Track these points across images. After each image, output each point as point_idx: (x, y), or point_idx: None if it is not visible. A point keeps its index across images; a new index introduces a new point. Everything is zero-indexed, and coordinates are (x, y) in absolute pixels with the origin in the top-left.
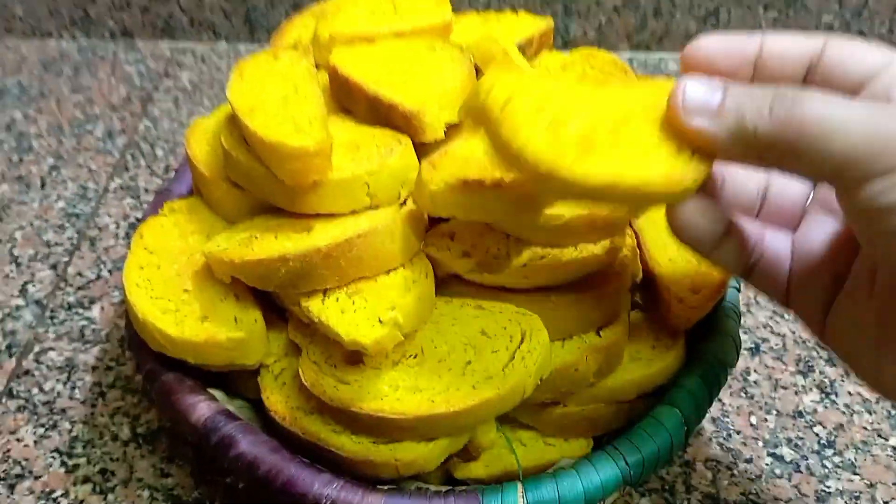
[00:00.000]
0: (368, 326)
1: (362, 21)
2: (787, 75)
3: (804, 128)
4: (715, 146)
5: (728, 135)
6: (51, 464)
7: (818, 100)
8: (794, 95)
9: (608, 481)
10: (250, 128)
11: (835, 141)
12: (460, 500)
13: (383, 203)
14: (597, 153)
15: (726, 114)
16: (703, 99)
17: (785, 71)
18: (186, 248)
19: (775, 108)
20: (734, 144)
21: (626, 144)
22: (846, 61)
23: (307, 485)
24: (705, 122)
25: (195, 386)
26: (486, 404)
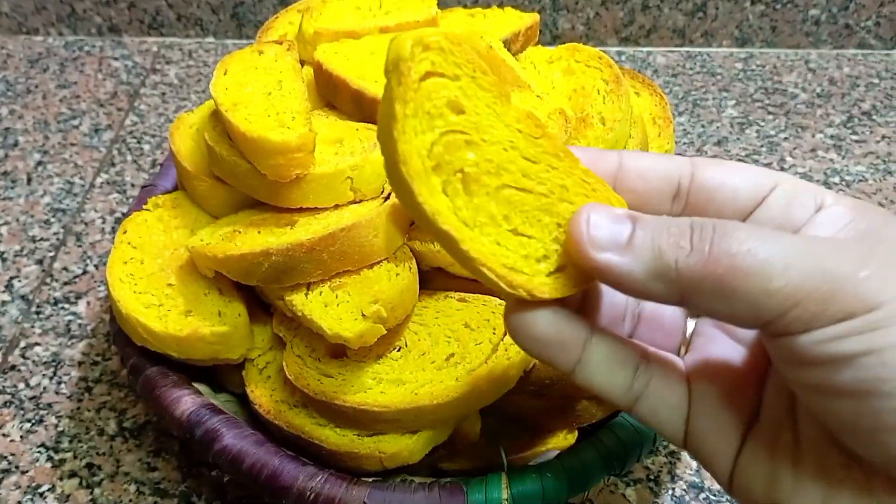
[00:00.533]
0: (351, 320)
1: (347, 17)
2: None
3: (735, 263)
4: (626, 285)
5: (644, 273)
6: (37, 458)
7: (745, 230)
8: (715, 226)
9: (591, 471)
10: (233, 123)
11: (773, 280)
12: (444, 492)
13: (367, 197)
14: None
15: (639, 249)
16: (611, 231)
17: (649, 190)
18: (170, 242)
19: (697, 241)
20: (653, 283)
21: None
22: (728, 183)
23: (291, 477)
24: (615, 258)
25: (179, 380)
26: (469, 396)
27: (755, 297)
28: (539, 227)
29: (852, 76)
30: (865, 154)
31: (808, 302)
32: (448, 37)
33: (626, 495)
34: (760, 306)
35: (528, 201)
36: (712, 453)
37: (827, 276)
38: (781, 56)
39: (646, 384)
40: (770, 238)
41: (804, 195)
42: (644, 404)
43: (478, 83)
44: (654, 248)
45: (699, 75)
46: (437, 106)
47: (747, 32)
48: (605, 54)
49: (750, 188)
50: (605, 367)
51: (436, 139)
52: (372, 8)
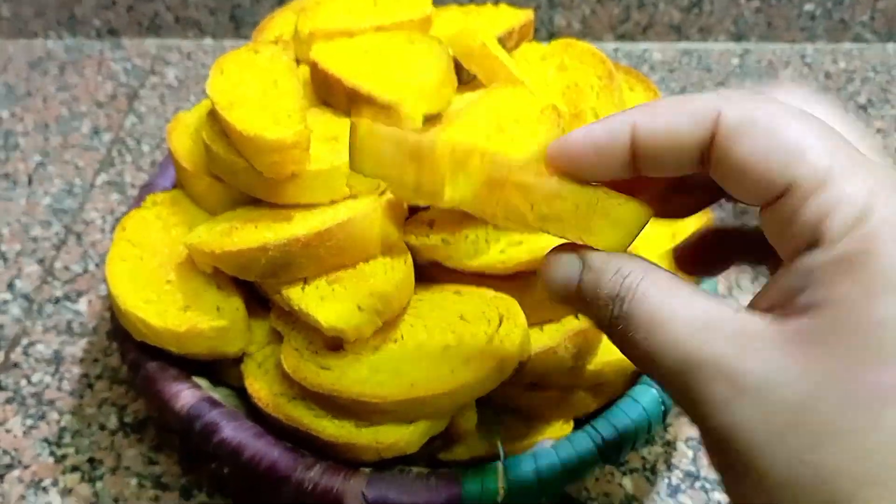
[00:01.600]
0: (348, 313)
1: (342, 16)
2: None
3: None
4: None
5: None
6: (39, 453)
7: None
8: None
9: (586, 458)
10: (229, 122)
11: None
12: (441, 481)
13: (362, 193)
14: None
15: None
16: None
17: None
18: (169, 240)
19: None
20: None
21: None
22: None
23: (290, 468)
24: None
25: (179, 374)
26: (465, 387)
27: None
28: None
29: (848, 70)
30: None
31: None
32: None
33: (622, 485)
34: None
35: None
36: None
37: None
38: (777, 51)
39: None
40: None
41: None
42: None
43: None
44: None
45: (696, 71)
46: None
47: (743, 28)
48: (598, 50)
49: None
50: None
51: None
52: (367, 7)
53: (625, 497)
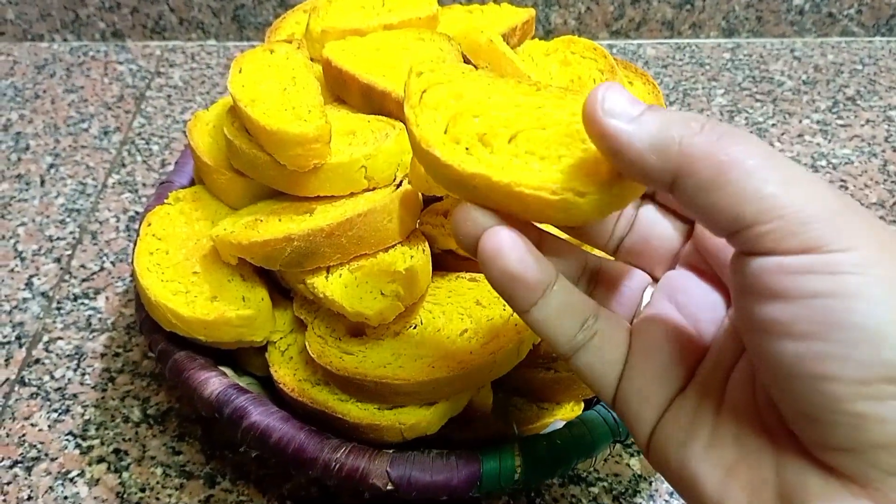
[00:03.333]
0: (371, 299)
1: (353, 15)
2: None
3: (741, 158)
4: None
5: (646, 143)
6: (65, 446)
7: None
8: (734, 129)
9: (599, 438)
10: (252, 117)
11: (769, 185)
12: (461, 460)
13: (380, 185)
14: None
15: (647, 121)
16: (624, 105)
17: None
18: (193, 233)
19: (710, 127)
20: (651, 156)
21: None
22: None
23: (317, 450)
24: (622, 125)
25: (206, 363)
26: (482, 369)
27: (746, 195)
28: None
29: (836, 63)
30: (851, 138)
31: (789, 218)
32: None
33: (630, 465)
34: (746, 206)
35: (547, 135)
36: (635, 416)
37: (815, 201)
38: (767, 45)
39: (589, 338)
40: (781, 158)
41: None
42: (582, 356)
43: (466, 77)
44: (662, 121)
45: (688, 66)
46: (439, 100)
47: (734, 23)
48: (599, 46)
49: None
50: (556, 313)
51: (448, 122)
52: (375, 6)
53: (633, 477)
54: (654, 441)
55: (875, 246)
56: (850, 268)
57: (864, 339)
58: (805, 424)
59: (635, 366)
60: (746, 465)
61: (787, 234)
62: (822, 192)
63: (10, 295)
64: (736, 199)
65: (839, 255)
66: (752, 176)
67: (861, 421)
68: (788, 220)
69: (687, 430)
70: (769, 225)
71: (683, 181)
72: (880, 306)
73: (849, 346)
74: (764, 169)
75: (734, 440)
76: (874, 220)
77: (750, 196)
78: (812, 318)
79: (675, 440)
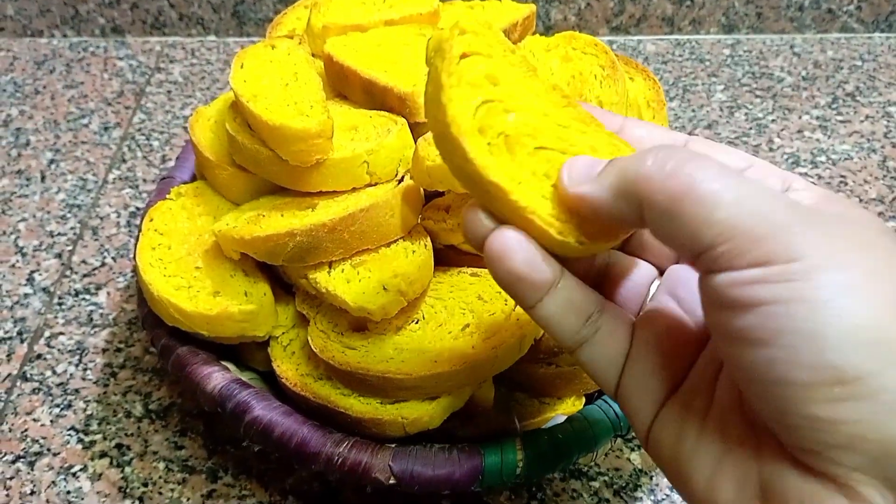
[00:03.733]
0: (374, 294)
1: (354, 11)
2: None
3: (691, 186)
4: (599, 209)
5: (610, 193)
6: (68, 441)
7: (712, 164)
8: (686, 152)
9: (600, 432)
10: (255, 113)
11: (719, 210)
12: (463, 455)
13: (382, 180)
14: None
15: (606, 174)
16: (585, 169)
17: None
18: (195, 229)
19: (661, 158)
20: (618, 203)
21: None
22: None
23: (320, 444)
24: (586, 188)
25: (208, 358)
26: (485, 363)
27: (698, 222)
28: None
29: (836, 59)
30: (850, 133)
31: (740, 239)
32: (480, 22)
33: (630, 459)
34: (701, 233)
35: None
36: (635, 409)
37: (764, 219)
38: (767, 41)
39: (593, 333)
40: (730, 175)
41: (774, 178)
42: (586, 350)
43: (508, 60)
44: (618, 169)
45: (688, 62)
46: (477, 78)
47: (734, 19)
48: (600, 41)
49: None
50: (561, 310)
51: (478, 105)
52: (376, 2)
53: (633, 471)
54: (651, 434)
55: (823, 254)
56: (795, 276)
57: (807, 343)
58: (774, 426)
59: (635, 360)
60: (731, 461)
61: (739, 254)
62: (772, 206)
63: (11, 290)
64: (690, 226)
65: (786, 265)
66: (702, 202)
67: (817, 423)
68: (740, 241)
69: (680, 425)
70: (723, 247)
71: (647, 215)
72: (822, 310)
73: (795, 351)
74: (713, 193)
75: (721, 436)
76: (833, 228)
77: (702, 223)
78: (764, 326)
79: (670, 434)
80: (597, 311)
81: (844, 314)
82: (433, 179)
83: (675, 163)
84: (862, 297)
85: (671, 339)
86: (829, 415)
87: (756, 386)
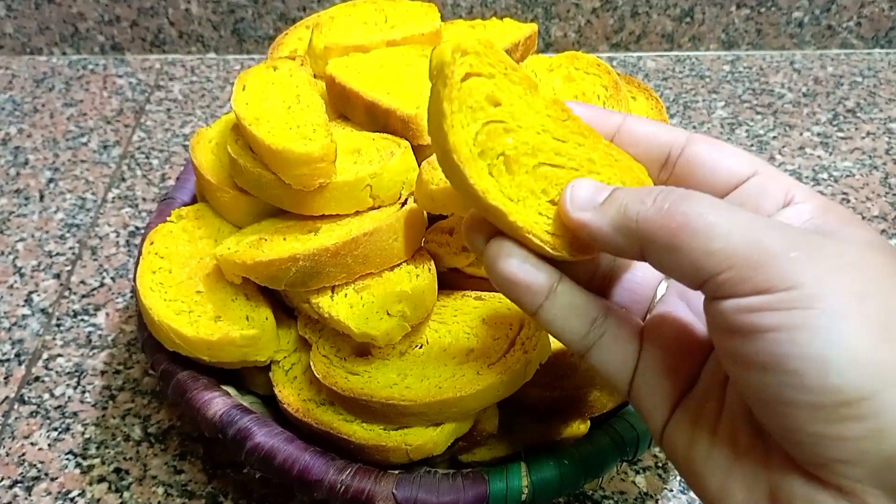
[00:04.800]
0: (377, 319)
1: (355, 32)
2: (641, 160)
3: (687, 221)
4: (598, 239)
5: (611, 227)
6: (66, 465)
7: (705, 199)
8: (681, 192)
9: (606, 457)
10: (257, 136)
11: (715, 241)
12: (467, 481)
13: (385, 203)
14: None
15: (608, 207)
16: (589, 196)
17: (639, 155)
18: (196, 252)
19: (659, 200)
20: (617, 237)
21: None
22: (712, 162)
23: (322, 471)
24: (588, 216)
25: (209, 383)
26: (489, 389)
27: (697, 254)
28: None
29: (836, 75)
30: (851, 150)
31: (739, 267)
32: (482, 42)
33: (635, 482)
34: (700, 264)
35: (562, 175)
36: (648, 411)
37: (761, 248)
38: (767, 58)
39: (599, 336)
40: (722, 207)
41: (777, 189)
42: (595, 353)
43: (509, 78)
44: (620, 205)
45: (688, 78)
46: (478, 101)
47: (733, 35)
48: (602, 61)
49: (728, 171)
50: (564, 314)
51: (479, 129)
52: (378, 23)
53: (639, 494)
54: (665, 436)
55: (816, 280)
56: (796, 303)
57: (812, 368)
58: (782, 441)
59: (646, 363)
60: (741, 467)
61: (741, 280)
62: (765, 234)
63: (9, 311)
64: (690, 258)
65: (785, 293)
66: (699, 235)
67: (823, 440)
68: (738, 269)
69: (692, 429)
70: (723, 275)
71: (647, 251)
72: (824, 336)
73: (800, 376)
74: (709, 226)
75: (731, 443)
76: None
77: (701, 254)
78: (770, 351)
79: (683, 438)
80: (601, 315)
81: (843, 339)
82: (436, 203)
83: (671, 202)
84: (856, 321)
85: (681, 342)
86: (834, 433)
87: (764, 405)
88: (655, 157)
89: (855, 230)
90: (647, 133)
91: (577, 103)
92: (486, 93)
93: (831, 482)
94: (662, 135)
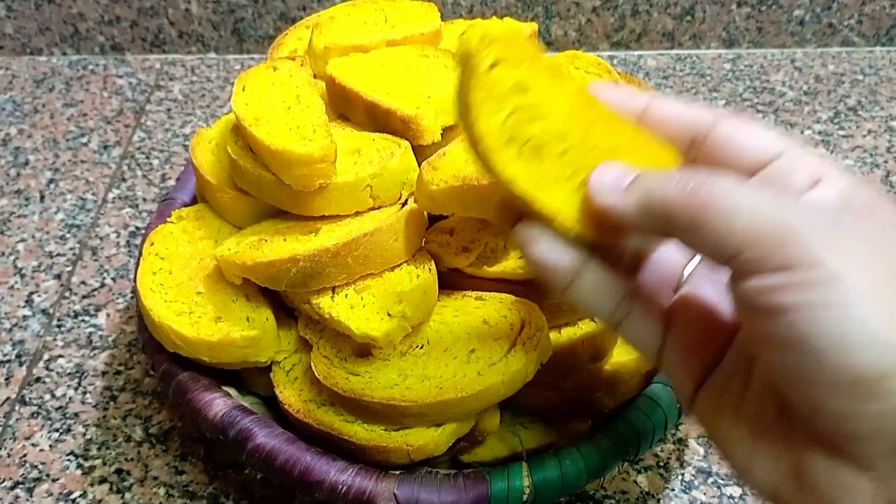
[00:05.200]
0: (378, 320)
1: (355, 32)
2: (669, 140)
3: (711, 200)
4: (623, 222)
5: (636, 208)
6: (67, 466)
7: (728, 179)
8: (705, 173)
9: (608, 458)
10: (257, 137)
11: (738, 219)
12: (469, 481)
13: (385, 204)
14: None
15: (633, 189)
16: (615, 180)
17: (667, 135)
18: (196, 253)
19: (683, 181)
20: (642, 217)
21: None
22: (740, 141)
23: (323, 472)
24: (612, 199)
25: (210, 384)
26: (491, 389)
27: (720, 234)
28: None
29: (837, 73)
30: (853, 148)
31: (760, 245)
32: (507, 30)
33: (637, 482)
34: (723, 242)
35: (589, 160)
36: (677, 383)
37: (783, 227)
38: (768, 56)
39: (626, 314)
40: (746, 187)
41: (805, 168)
42: (624, 328)
43: (536, 66)
44: (645, 188)
45: (689, 77)
46: (505, 89)
47: (734, 34)
48: (603, 60)
49: (757, 150)
50: (591, 294)
51: (506, 117)
52: (378, 22)
53: (640, 494)
54: (694, 406)
55: (839, 258)
56: (817, 282)
57: (832, 347)
58: (802, 415)
59: (673, 340)
60: (765, 441)
61: (764, 257)
62: (787, 213)
63: (10, 312)
64: (714, 237)
65: (807, 272)
66: (721, 214)
67: (842, 417)
68: (761, 246)
69: (718, 404)
70: (746, 254)
71: (673, 231)
72: (846, 316)
73: (822, 354)
74: (733, 206)
75: (755, 418)
76: (847, 229)
77: (724, 233)
78: (792, 330)
79: (710, 410)
80: (625, 296)
81: (864, 318)
82: (437, 203)
83: (695, 183)
84: (876, 301)
85: (707, 321)
86: (854, 410)
87: (787, 382)
88: (683, 136)
89: (882, 210)
90: (673, 113)
91: (603, 83)
92: (513, 80)
93: (852, 458)
94: (690, 114)
